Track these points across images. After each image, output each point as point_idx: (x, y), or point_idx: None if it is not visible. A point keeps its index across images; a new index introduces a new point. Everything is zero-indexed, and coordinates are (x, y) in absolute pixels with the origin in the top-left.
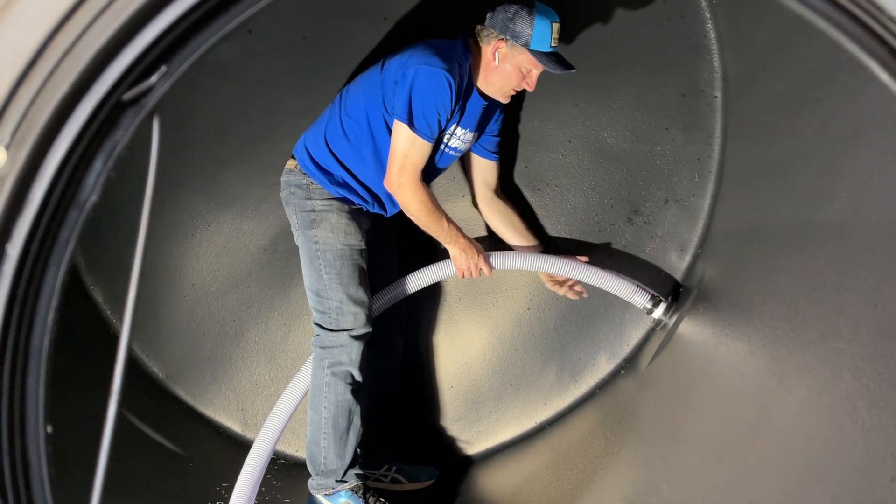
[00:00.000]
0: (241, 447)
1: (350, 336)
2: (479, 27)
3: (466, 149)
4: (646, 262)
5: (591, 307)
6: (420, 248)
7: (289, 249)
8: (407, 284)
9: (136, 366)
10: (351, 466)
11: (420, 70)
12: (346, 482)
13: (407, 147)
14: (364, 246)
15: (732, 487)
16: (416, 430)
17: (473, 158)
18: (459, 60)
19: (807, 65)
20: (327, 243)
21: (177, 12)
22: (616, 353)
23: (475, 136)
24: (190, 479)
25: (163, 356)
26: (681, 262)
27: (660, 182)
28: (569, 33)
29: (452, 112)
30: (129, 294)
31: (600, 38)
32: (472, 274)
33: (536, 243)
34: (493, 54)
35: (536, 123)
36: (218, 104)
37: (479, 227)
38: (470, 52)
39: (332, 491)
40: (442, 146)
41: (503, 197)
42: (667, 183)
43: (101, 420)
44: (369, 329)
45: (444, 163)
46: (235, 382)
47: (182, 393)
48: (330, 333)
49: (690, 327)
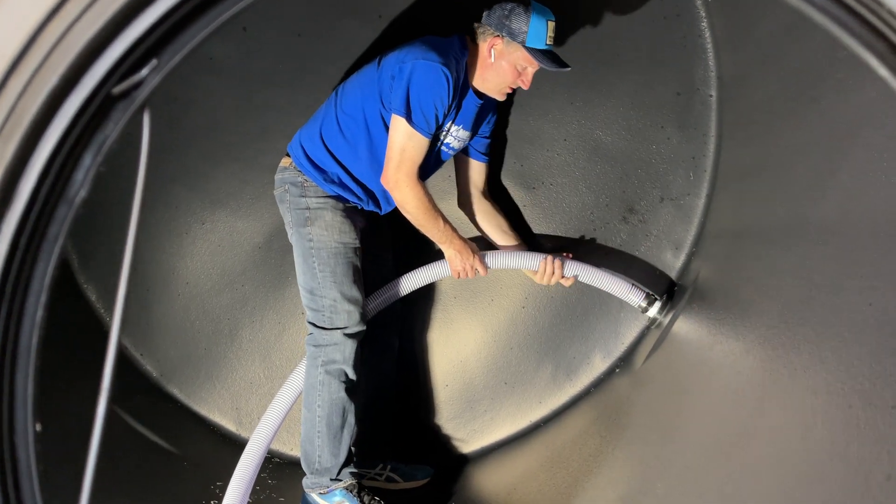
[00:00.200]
0: (236, 446)
1: (344, 334)
2: (476, 25)
3: (461, 147)
4: (641, 261)
5: (586, 306)
6: (415, 247)
7: (283, 248)
8: (401, 285)
9: (130, 364)
10: (345, 465)
11: (417, 65)
12: (340, 481)
13: (405, 142)
14: (358, 244)
15: (727, 486)
16: (411, 428)
17: (463, 159)
18: (456, 57)
19: (802, 63)
20: (321, 241)
21: (167, 5)
22: (611, 351)
23: (470, 134)
24: (184, 478)
25: (156, 355)
26: (676, 261)
27: (655, 181)
28: (565, 32)
29: (449, 108)
30: (119, 289)
31: (596, 37)
32: (468, 274)
33: (520, 243)
34: (489, 51)
35: (531, 122)
36: (212, 102)
37: (473, 227)
38: (466, 49)
39: (326, 490)
40: (438, 143)
41: (490, 198)
42: (662, 181)
43: (91, 417)
44: (363, 327)
45: (439, 162)
46: (229, 381)
47: (176, 391)
48: (323, 332)
49: (685, 326)
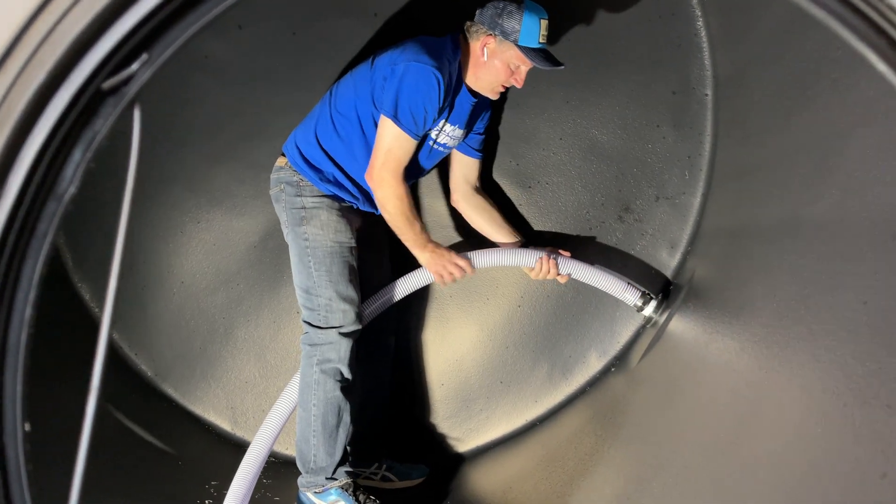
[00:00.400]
0: (231, 445)
1: (339, 333)
2: (469, 23)
3: (455, 145)
4: (636, 260)
5: (581, 304)
6: None
7: (278, 247)
8: (396, 290)
9: (125, 363)
10: (341, 464)
11: (410, 67)
12: (335, 480)
13: (391, 142)
14: (354, 243)
15: (723, 484)
16: (406, 427)
17: (456, 155)
18: (449, 58)
19: (798, 62)
20: (317, 240)
21: None
22: (607, 350)
23: (464, 133)
24: (179, 478)
25: (151, 354)
26: (671, 260)
27: (650, 180)
28: (560, 31)
29: (441, 109)
30: (109, 286)
31: (592, 36)
32: (452, 273)
33: (518, 238)
34: (482, 50)
35: (527, 121)
36: (208, 101)
37: (460, 231)
38: (459, 48)
39: (321, 489)
40: (430, 142)
41: (483, 193)
42: (657, 180)
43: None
44: (359, 326)
45: (432, 160)
46: (225, 380)
47: (171, 391)
48: (319, 331)
49: (681, 324)
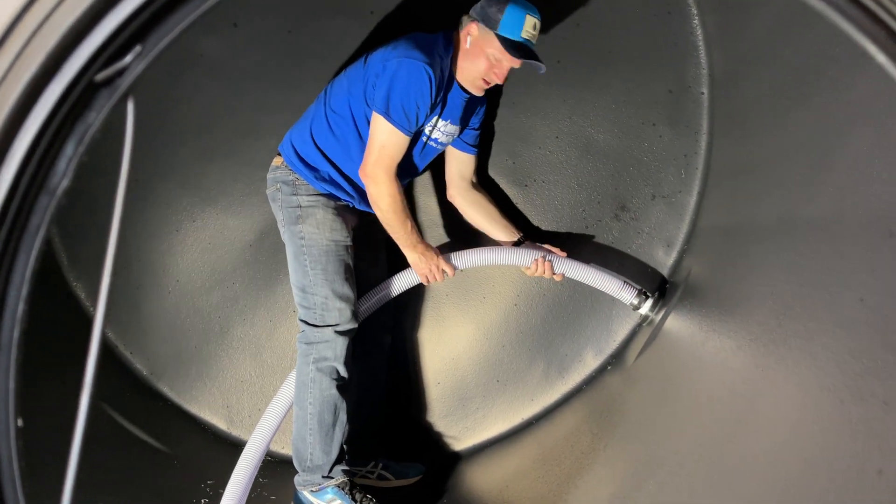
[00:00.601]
0: (227, 444)
1: (335, 332)
2: (464, 17)
3: (449, 141)
4: (632, 258)
5: (577, 303)
6: None
7: (274, 246)
8: (390, 288)
9: (120, 362)
10: (337, 462)
11: (401, 63)
12: (332, 478)
13: (384, 139)
14: (350, 242)
15: (719, 482)
16: (402, 426)
17: (451, 151)
18: (441, 54)
19: (794, 61)
20: (313, 239)
21: None
22: (603, 348)
23: (458, 129)
24: (175, 477)
25: (147, 353)
26: (667, 258)
27: (646, 178)
28: (557, 29)
29: (433, 105)
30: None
31: (588, 34)
32: (437, 277)
33: (516, 234)
34: (466, 38)
35: (524, 119)
36: (202, 99)
37: (455, 230)
38: (452, 44)
39: (318, 487)
40: (424, 138)
41: (480, 188)
42: (653, 179)
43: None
44: (355, 325)
45: (426, 157)
46: (220, 379)
47: (166, 390)
48: (315, 329)
49: (677, 323)
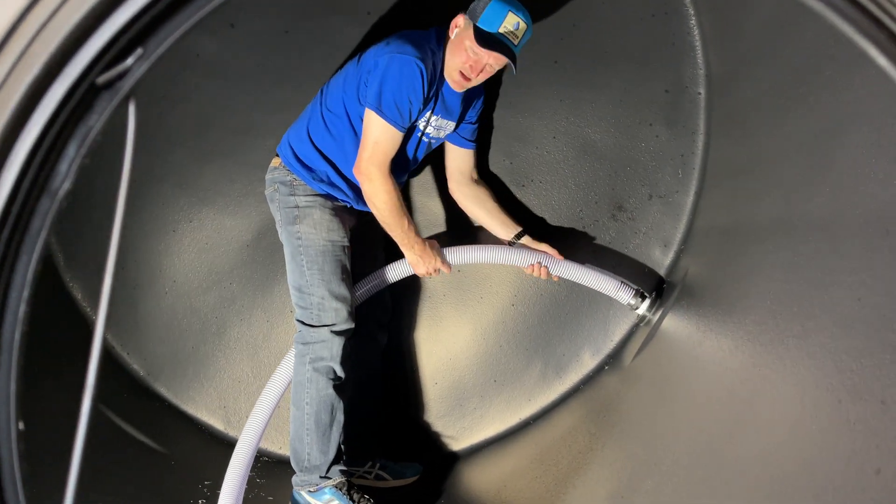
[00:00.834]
0: (224, 445)
1: (331, 332)
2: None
3: (444, 137)
4: (629, 258)
5: (575, 303)
6: None
7: (271, 246)
8: (374, 281)
9: (117, 363)
10: (335, 462)
11: (392, 59)
12: (329, 478)
13: (377, 135)
14: (347, 243)
15: (717, 481)
16: (400, 426)
17: (449, 146)
18: (433, 48)
19: (791, 60)
20: (310, 239)
21: None
22: (600, 348)
23: (453, 124)
24: (172, 477)
25: (143, 353)
26: (664, 258)
27: (643, 178)
28: (554, 30)
29: (426, 101)
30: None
31: (585, 34)
32: (431, 274)
33: (517, 229)
34: (453, 29)
35: (521, 119)
36: (199, 99)
37: (454, 230)
38: (444, 39)
39: (316, 487)
40: (418, 134)
41: (480, 183)
42: (650, 179)
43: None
44: (351, 325)
45: (422, 152)
46: (217, 380)
47: (163, 390)
48: (311, 329)
49: (674, 323)
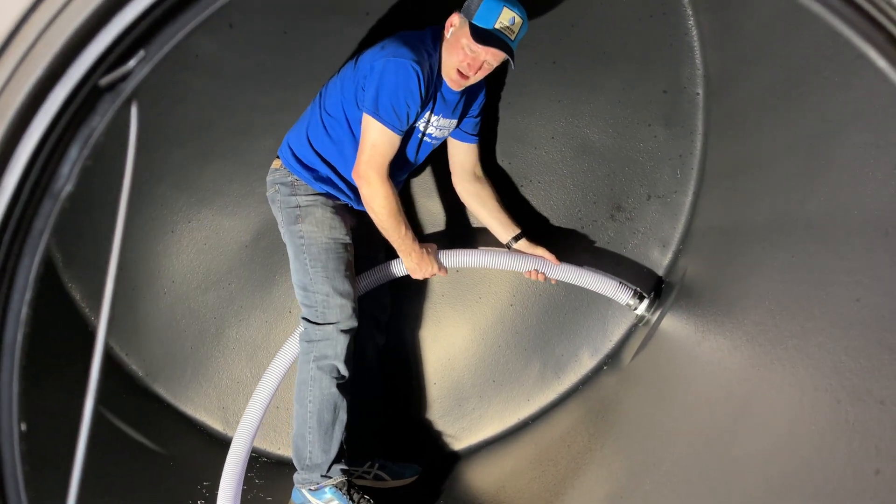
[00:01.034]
0: (223, 445)
1: (336, 329)
2: None
3: (445, 135)
4: (628, 259)
5: (573, 304)
6: None
7: (270, 246)
8: (374, 276)
9: (115, 364)
10: (336, 461)
11: (388, 63)
12: (330, 478)
13: (375, 138)
14: (349, 240)
15: (715, 482)
16: (399, 426)
17: (451, 141)
18: (429, 49)
19: (789, 61)
20: (312, 237)
21: None
22: (599, 348)
23: (454, 122)
24: (171, 478)
25: (142, 354)
26: (663, 258)
27: (642, 178)
28: (552, 30)
29: (424, 102)
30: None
31: (583, 35)
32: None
33: (516, 229)
34: (449, 28)
35: (519, 119)
36: (198, 99)
37: (453, 231)
38: (440, 39)
39: (316, 486)
40: (419, 134)
41: (483, 180)
42: (649, 179)
43: (78, 418)
44: (355, 323)
45: (423, 153)
46: (216, 380)
47: (162, 391)
48: (316, 327)
49: (673, 323)
